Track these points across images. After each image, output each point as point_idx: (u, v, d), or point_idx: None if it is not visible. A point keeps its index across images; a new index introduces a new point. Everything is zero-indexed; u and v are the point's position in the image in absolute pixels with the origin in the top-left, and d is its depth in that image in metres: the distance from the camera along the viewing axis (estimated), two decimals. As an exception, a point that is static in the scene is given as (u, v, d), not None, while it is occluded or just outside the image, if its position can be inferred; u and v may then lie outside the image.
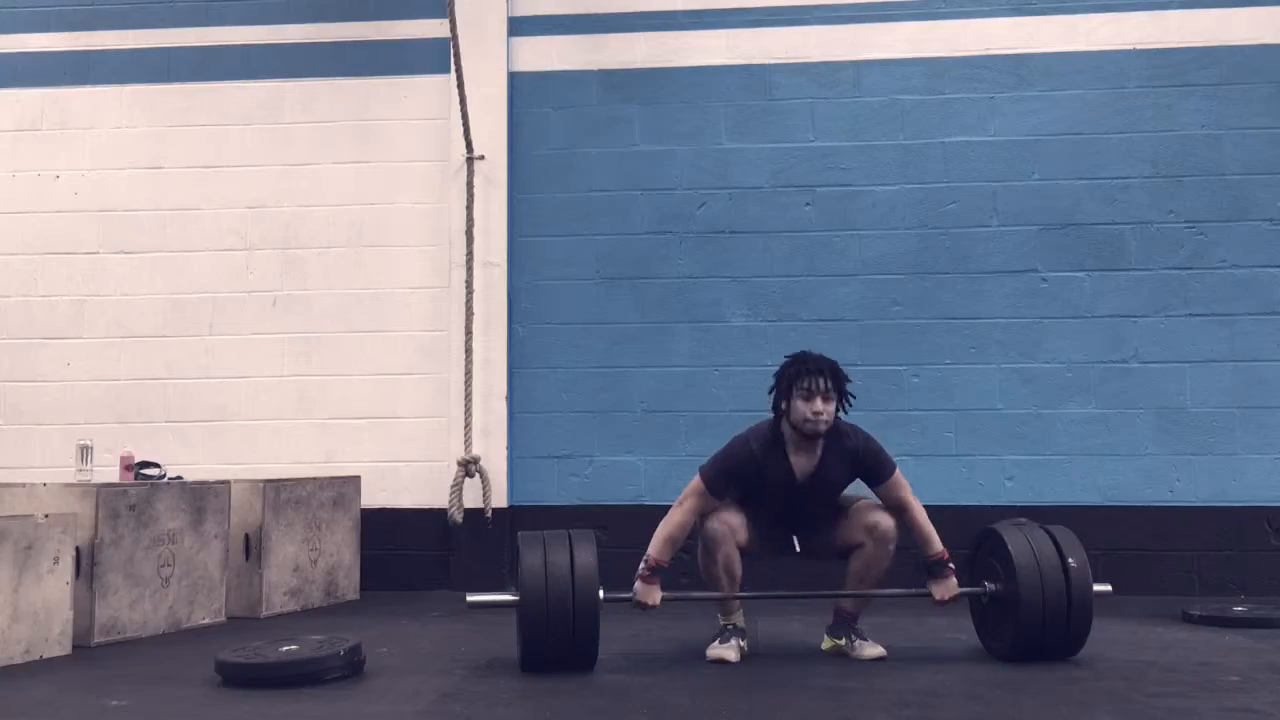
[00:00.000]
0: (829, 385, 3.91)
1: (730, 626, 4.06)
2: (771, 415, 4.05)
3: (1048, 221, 6.05)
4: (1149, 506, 5.83)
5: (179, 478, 5.25)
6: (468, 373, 6.03)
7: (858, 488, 4.14)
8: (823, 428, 3.91)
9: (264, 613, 5.24)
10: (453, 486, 5.92)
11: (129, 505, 4.66)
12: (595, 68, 6.35)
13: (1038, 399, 5.98)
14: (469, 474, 5.95)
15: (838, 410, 3.96)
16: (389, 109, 6.40)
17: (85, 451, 5.06)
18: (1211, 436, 5.86)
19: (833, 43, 6.25)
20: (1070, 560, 3.83)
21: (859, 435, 4.05)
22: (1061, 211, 6.05)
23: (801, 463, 3.98)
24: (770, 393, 4.03)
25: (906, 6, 6.24)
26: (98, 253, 6.43)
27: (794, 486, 3.98)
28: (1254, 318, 5.91)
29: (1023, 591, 3.79)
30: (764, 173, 6.20)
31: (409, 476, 6.15)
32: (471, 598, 3.95)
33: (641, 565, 3.99)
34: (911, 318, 6.03)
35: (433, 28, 6.29)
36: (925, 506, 4.08)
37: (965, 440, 5.96)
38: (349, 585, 5.79)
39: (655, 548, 3.99)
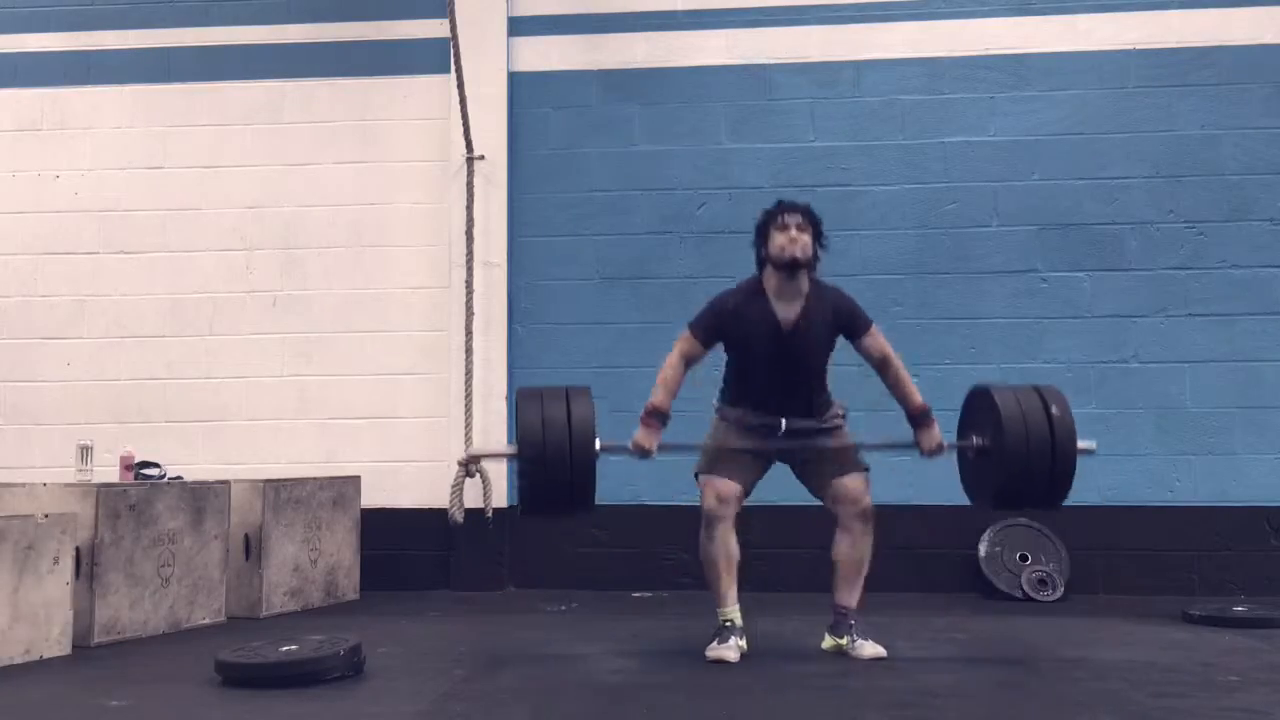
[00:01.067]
0: (803, 218, 4.03)
1: (729, 624, 4.06)
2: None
3: (1048, 221, 6.05)
4: (1149, 506, 5.83)
5: (179, 478, 5.25)
6: (468, 373, 6.03)
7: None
8: (800, 254, 3.97)
9: (264, 613, 5.24)
10: (453, 486, 5.89)
11: (129, 505, 4.66)
12: (595, 68, 6.35)
13: (1038, 399, 5.96)
14: (469, 474, 5.94)
15: (815, 248, 4.04)
16: (389, 109, 6.40)
17: (85, 451, 5.06)
18: (1211, 437, 5.86)
19: (833, 43, 6.25)
20: (1053, 409, 3.87)
21: (837, 290, 4.15)
22: (1061, 211, 6.05)
23: (784, 310, 4.03)
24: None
25: (906, 6, 6.24)
26: (98, 253, 6.43)
27: (780, 333, 4.02)
28: (1254, 318, 5.91)
29: (1008, 441, 3.84)
30: (764, 173, 6.19)
31: (409, 476, 6.14)
32: (471, 450, 4.05)
33: (642, 414, 4.08)
34: (911, 318, 6.03)
35: (433, 28, 6.29)
36: (925, 507, 4.09)
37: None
38: (349, 585, 5.79)
39: (653, 395, 4.09)
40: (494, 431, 6.06)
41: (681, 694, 3.48)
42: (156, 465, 5.35)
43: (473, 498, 5.94)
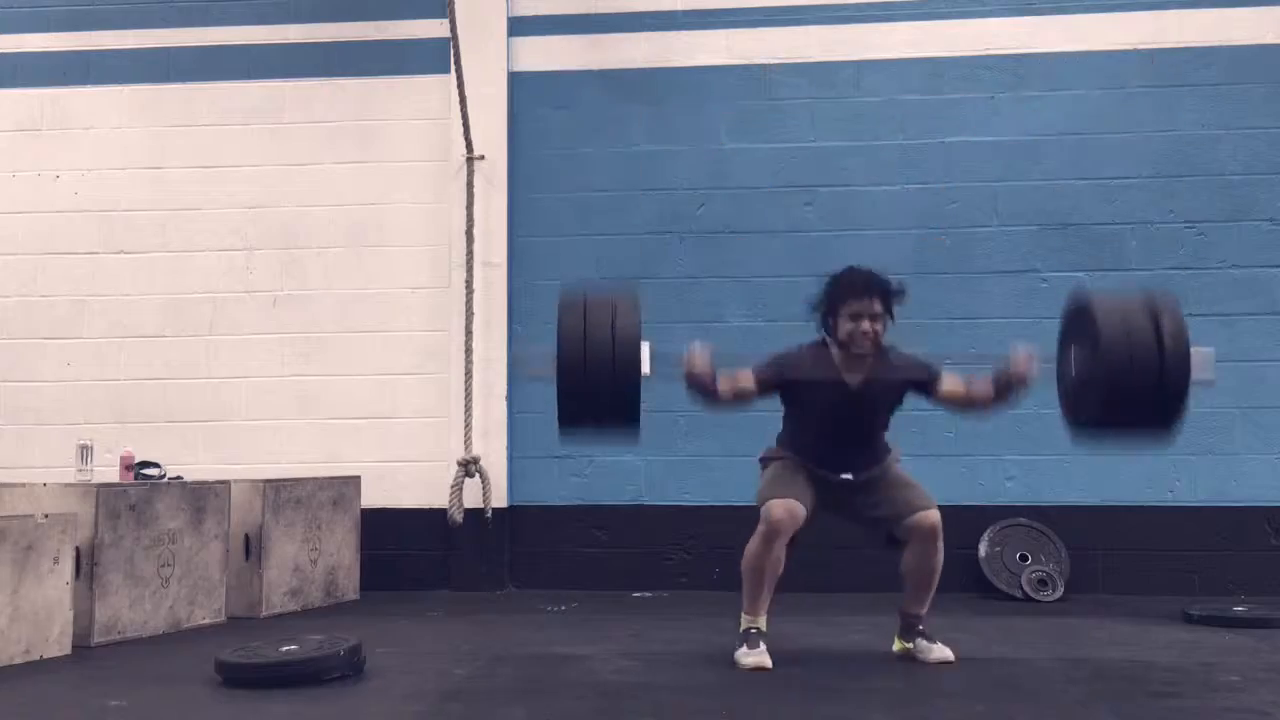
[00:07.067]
0: (880, 304, 3.87)
1: (755, 630, 3.93)
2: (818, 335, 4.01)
3: (1048, 221, 6.05)
4: (1149, 506, 5.82)
5: (179, 478, 5.25)
6: (468, 373, 6.03)
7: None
8: (869, 346, 3.87)
9: (264, 613, 5.23)
10: (453, 486, 5.91)
11: (129, 505, 4.66)
12: (595, 67, 6.35)
13: (1038, 399, 5.87)
14: (469, 474, 5.95)
15: (887, 323, 3.91)
16: (389, 109, 6.40)
17: (85, 451, 5.06)
18: (1211, 437, 5.85)
19: (833, 43, 6.24)
20: (1164, 325, 3.35)
21: (899, 352, 4.01)
22: (1061, 211, 6.04)
23: (850, 374, 3.92)
24: (815, 311, 3.96)
25: (907, 6, 6.23)
26: (98, 253, 6.43)
27: (846, 392, 3.90)
28: (1254, 318, 5.91)
29: (1110, 361, 3.36)
30: (764, 173, 6.19)
31: (409, 476, 6.14)
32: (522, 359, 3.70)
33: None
34: (911, 318, 5.96)
35: (433, 28, 6.29)
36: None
37: (965, 440, 5.95)
38: (349, 585, 5.79)
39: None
40: (494, 432, 6.06)
41: (682, 694, 3.48)
42: (156, 465, 5.35)
43: (472, 498, 5.95)
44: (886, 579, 4.16)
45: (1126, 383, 3.35)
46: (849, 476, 3.97)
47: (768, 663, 3.82)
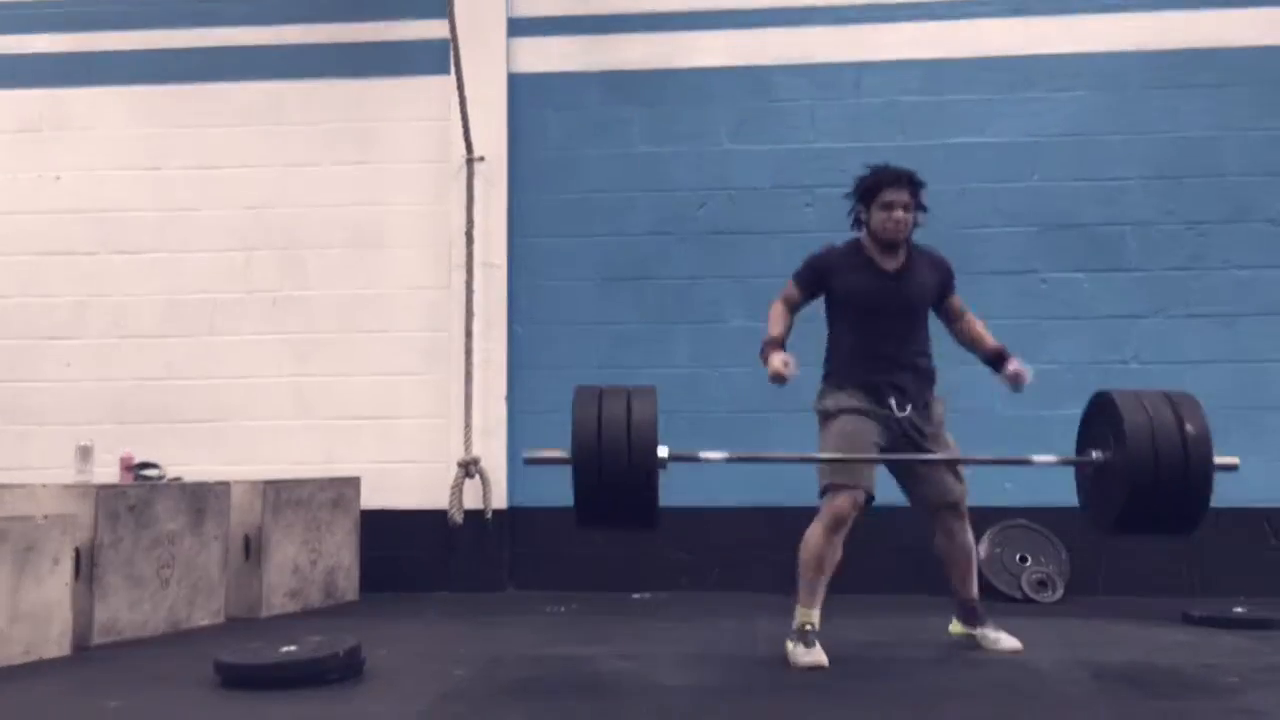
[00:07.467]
0: (909, 197, 4.09)
1: (810, 627, 3.93)
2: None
3: (1047, 222, 6.05)
4: (1149, 508, 5.81)
5: (179, 478, 5.24)
6: (468, 373, 6.03)
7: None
8: (902, 233, 4.08)
9: (263, 613, 5.23)
10: (452, 487, 5.91)
11: (128, 506, 4.65)
12: (595, 69, 6.35)
13: (1038, 400, 5.91)
14: (469, 475, 5.95)
15: (915, 217, 4.14)
16: (389, 110, 6.40)
17: (85, 452, 5.06)
18: (1212, 438, 5.83)
19: (833, 44, 6.24)
20: (1188, 428, 3.48)
21: (933, 249, 4.29)
22: (1061, 212, 6.04)
23: (886, 262, 4.13)
24: (849, 203, 4.18)
25: (907, 8, 6.23)
26: (98, 253, 6.43)
27: (884, 278, 4.09)
28: (1254, 319, 5.91)
29: (1134, 462, 3.43)
30: (764, 174, 6.19)
31: (409, 477, 6.13)
32: (528, 454, 3.69)
33: (762, 349, 4.10)
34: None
35: (432, 29, 6.28)
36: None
37: (965, 442, 5.84)
38: (348, 586, 5.78)
39: (767, 330, 4.15)
40: (494, 432, 6.07)
41: (683, 695, 3.48)
42: (156, 466, 5.34)
43: (472, 499, 5.95)
44: (887, 580, 4.16)
45: (1150, 498, 3.46)
46: (905, 413, 4.06)
47: (823, 661, 3.82)
